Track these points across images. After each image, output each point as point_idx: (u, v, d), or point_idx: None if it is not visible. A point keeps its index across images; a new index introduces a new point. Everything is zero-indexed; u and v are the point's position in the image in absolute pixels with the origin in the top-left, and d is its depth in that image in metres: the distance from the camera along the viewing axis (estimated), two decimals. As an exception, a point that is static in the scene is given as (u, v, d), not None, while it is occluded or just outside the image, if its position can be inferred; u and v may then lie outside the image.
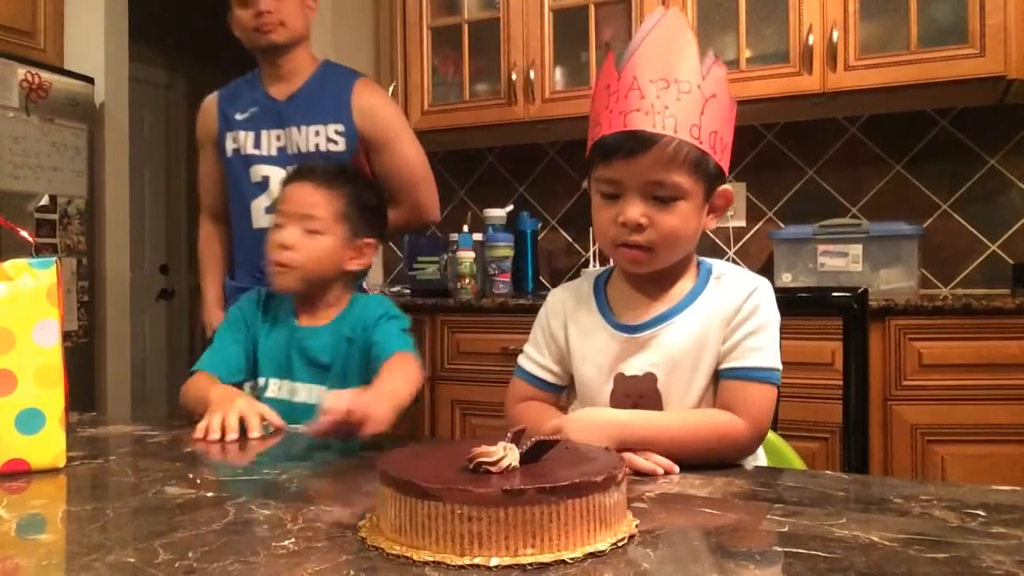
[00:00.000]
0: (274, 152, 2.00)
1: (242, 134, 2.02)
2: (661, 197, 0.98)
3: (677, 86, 0.96)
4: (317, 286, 1.48)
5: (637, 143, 0.96)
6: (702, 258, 1.09)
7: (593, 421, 0.95)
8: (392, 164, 2.03)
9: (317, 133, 1.97)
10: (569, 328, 1.09)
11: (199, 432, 1.16)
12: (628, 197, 0.99)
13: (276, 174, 1.95)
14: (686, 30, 1.00)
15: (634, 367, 1.03)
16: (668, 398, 1.01)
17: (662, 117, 0.95)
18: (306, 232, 1.44)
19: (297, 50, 2.03)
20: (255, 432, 1.18)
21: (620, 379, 1.03)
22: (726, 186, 1.04)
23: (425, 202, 2.08)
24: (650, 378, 1.02)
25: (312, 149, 1.97)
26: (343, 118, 1.97)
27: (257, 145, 2.01)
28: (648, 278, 1.05)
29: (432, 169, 2.09)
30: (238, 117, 2.04)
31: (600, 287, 1.11)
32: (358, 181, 1.57)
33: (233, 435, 1.16)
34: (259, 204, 1.99)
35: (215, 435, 1.15)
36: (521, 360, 1.15)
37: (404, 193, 2.05)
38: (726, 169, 1.03)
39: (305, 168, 1.54)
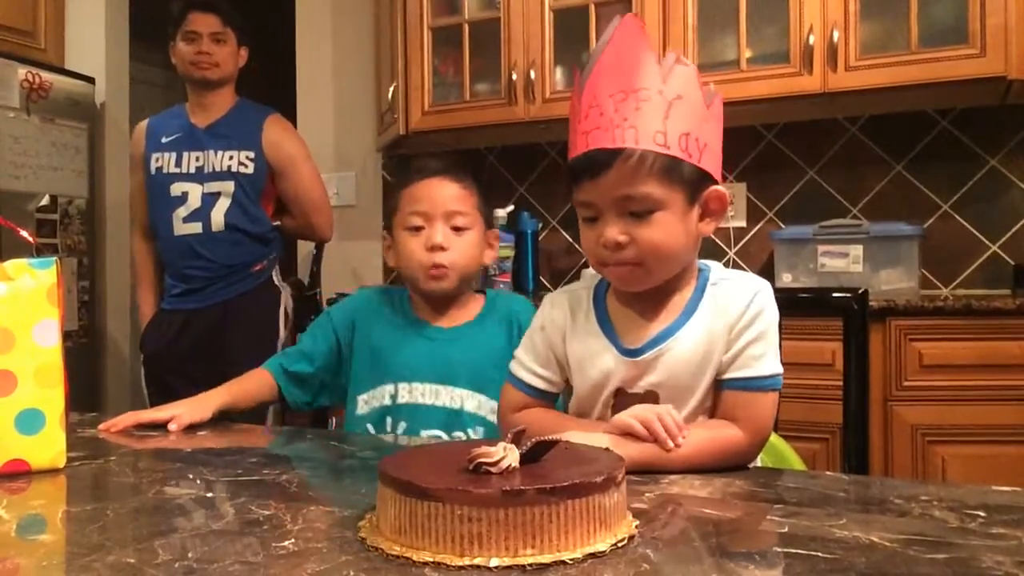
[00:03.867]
0: (192, 170, 2.37)
1: (165, 155, 2.39)
2: (636, 212, 0.96)
3: (636, 95, 0.94)
4: (466, 284, 1.44)
5: (597, 162, 0.94)
6: (701, 262, 1.06)
7: (595, 442, 0.91)
8: (292, 188, 2.46)
9: (231, 157, 2.37)
10: (569, 342, 1.06)
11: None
12: (605, 217, 0.97)
13: (194, 189, 2.36)
14: (641, 37, 0.97)
15: (636, 386, 1.01)
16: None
17: (621, 130, 0.93)
18: (454, 230, 1.39)
19: (223, 89, 2.44)
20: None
21: (621, 394, 1.01)
22: (717, 187, 1.00)
23: (316, 223, 2.55)
24: (651, 395, 1.00)
25: (225, 169, 2.37)
26: (254, 147, 2.39)
27: (178, 164, 2.38)
28: (646, 292, 1.02)
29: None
30: (163, 140, 2.42)
31: (600, 299, 1.07)
32: (471, 171, 1.53)
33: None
34: (179, 214, 2.37)
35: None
36: (514, 367, 1.10)
37: (300, 213, 2.51)
38: (714, 169, 0.99)
39: (430, 166, 1.46)
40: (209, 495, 0.84)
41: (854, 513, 0.77)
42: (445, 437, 1.34)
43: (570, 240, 3.10)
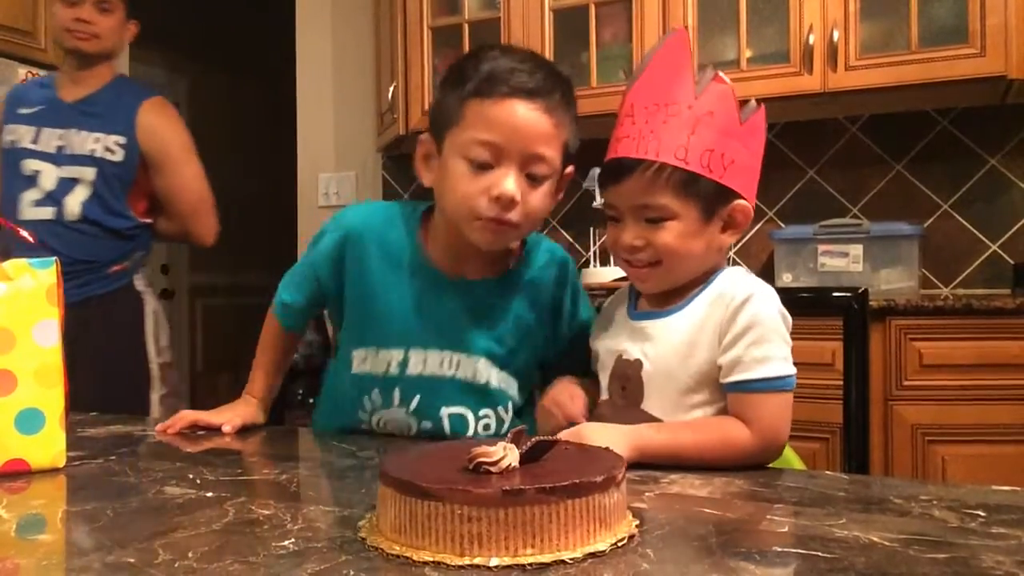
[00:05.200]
0: (52, 150, 2.09)
1: (22, 128, 2.11)
2: (651, 219, 1.01)
3: (666, 109, 0.99)
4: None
5: (621, 168, 1.01)
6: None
7: (612, 430, 0.95)
8: (168, 187, 2.16)
9: (97, 140, 2.08)
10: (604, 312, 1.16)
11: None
12: (624, 221, 1.04)
13: (48, 171, 2.07)
14: (683, 52, 1.02)
15: (629, 352, 1.05)
16: (649, 387, 1.02)
17: (646, 142, 0.99)
18: (529, 178, 1.06)
19: (101, 64, 2.16)
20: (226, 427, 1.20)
21: (619, 361, 1.06)
22: (741, 201, 1.04)
23: (194, 230, 2.21)
24: (636, 364, 1.03)
25: (87, 152, 2.07)
26: (126, 132, 2.09)
27: (35, 141, 2.09)
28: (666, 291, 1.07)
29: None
30: (22, 112, 2.13)
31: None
32: (565, 86, 1.11)
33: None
34: (28, 197, 2.08)
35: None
36: None
37: (176, 215, 2.20)
38: (741, 184, 1.03)
39: (519, 80, 1.04)
40: (209, 495, 0.84)
41: (854, 513, 0.77)
42: (471, 417, 1.18)
43: (570, 240, 3.11)
